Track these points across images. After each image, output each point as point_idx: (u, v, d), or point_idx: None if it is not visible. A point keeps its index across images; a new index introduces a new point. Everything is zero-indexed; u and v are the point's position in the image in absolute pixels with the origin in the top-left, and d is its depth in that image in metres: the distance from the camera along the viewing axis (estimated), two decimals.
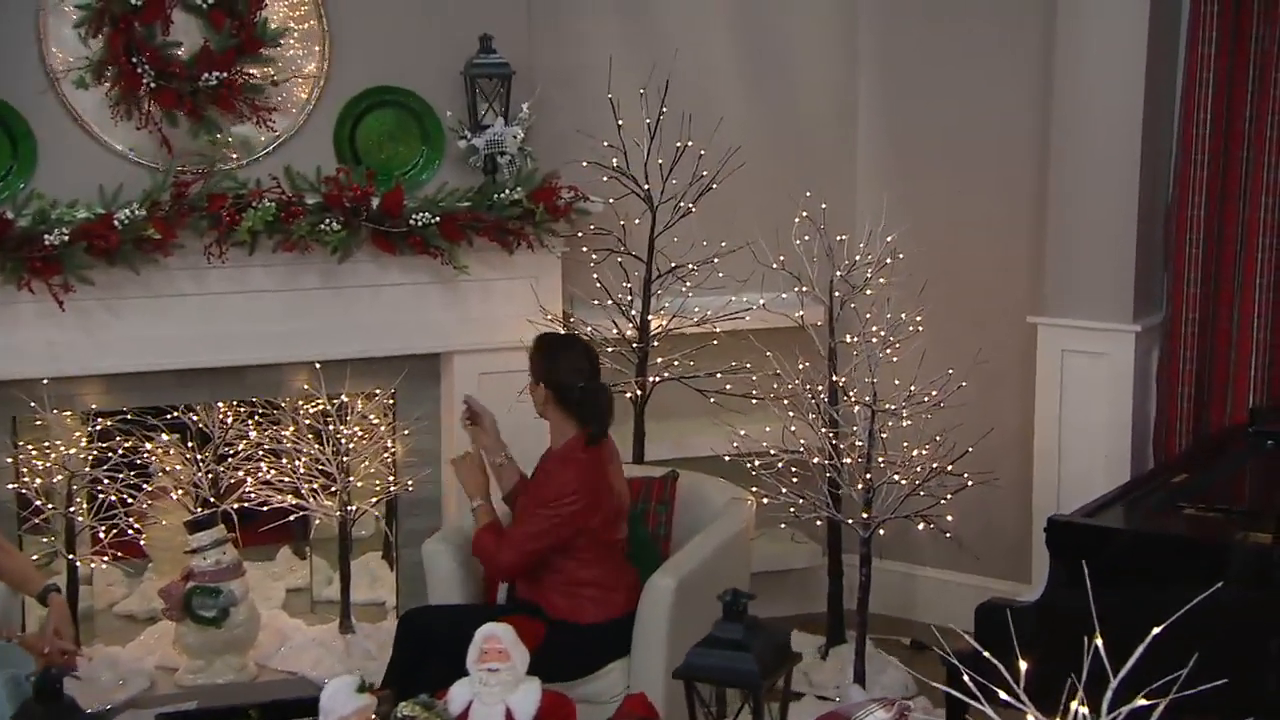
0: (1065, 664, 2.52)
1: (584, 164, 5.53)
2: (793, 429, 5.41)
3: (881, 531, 5.25)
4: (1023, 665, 2.21)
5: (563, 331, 5.14)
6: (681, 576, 4.63)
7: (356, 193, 5.27)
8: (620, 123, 5.48)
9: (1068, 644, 2.59)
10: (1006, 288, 5.98)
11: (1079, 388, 5.66)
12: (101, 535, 5.49)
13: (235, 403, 5.83)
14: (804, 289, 5.50)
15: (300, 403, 5.70)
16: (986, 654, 2.34)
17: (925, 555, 6.19)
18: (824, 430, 5.34)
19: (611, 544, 4.73)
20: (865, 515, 5.18)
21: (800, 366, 5.46)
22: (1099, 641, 2.20)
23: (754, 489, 5.26)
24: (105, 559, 5.54)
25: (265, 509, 5.78)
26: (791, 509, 5.28)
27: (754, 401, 5.65)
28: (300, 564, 6.27)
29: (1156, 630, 2.18)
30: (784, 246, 5.53)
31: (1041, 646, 3.59)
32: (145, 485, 5.69)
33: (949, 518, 5.13)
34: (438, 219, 5.36)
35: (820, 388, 5.44)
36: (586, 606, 4.64)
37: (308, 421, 5.63)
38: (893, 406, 5.22)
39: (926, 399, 5.25)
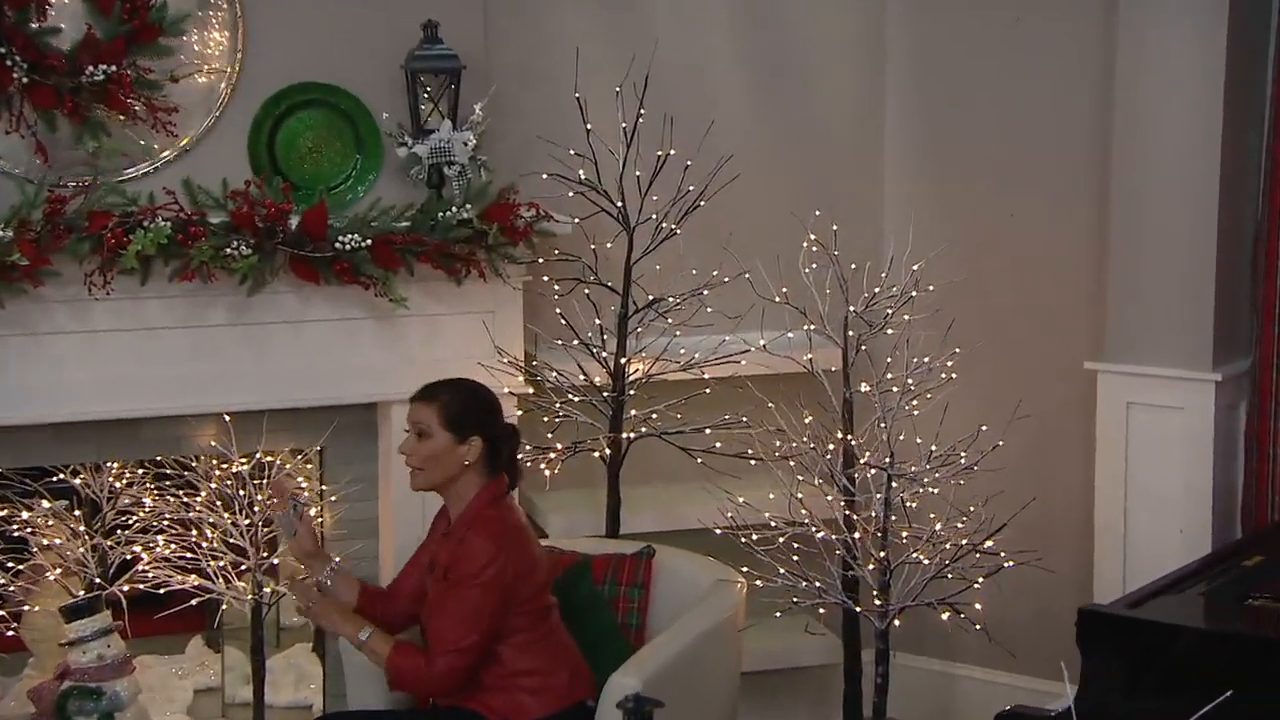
0: None
1: (544, 176, 5.37)
2: (799, 496, 5.22)
3: (897, 622, 5.03)
4: None
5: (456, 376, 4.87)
6: (648, 674, 4.42)
7: (271, 209, 5.09)
8: (589, 127, 5.33)
9: None
10: (1060, 328, 5.84)
11: (1148, 448, 5.51)
12: None
13: (132, 463, 5.64)
14: (812, 327, 5.32)
15: (214, 462, 5.51)
16: None
17: (966, 651, 5.99)
18: (831, 498, 5.14)
19: (545, 612, 4.57)
20: (879, 602, 4.96)
21: (806, 420, 5.27)
22: None
23: (744, 568, 5.06)
24: None
25: (163, 591, 5.55)
26: (791, 594, 5.06)
27: (753, 463, 5.47)
28: (215, 658, 6.07)
29: None
30: (788, 276, 5.36)
31: None
32: (16, 563, 5.49)
33: (977, 606, 4.91)
34: (369, 242, 5.18)
35: (831, 446, 5.24)
36: (525, 701, 4.46)
37: (214, 485, 5.42)
38: (915, 469, 5.01)
39: (959, 460, 5.06)
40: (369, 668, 4.68)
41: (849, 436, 5.23)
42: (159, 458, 5.56)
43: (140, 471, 5.69)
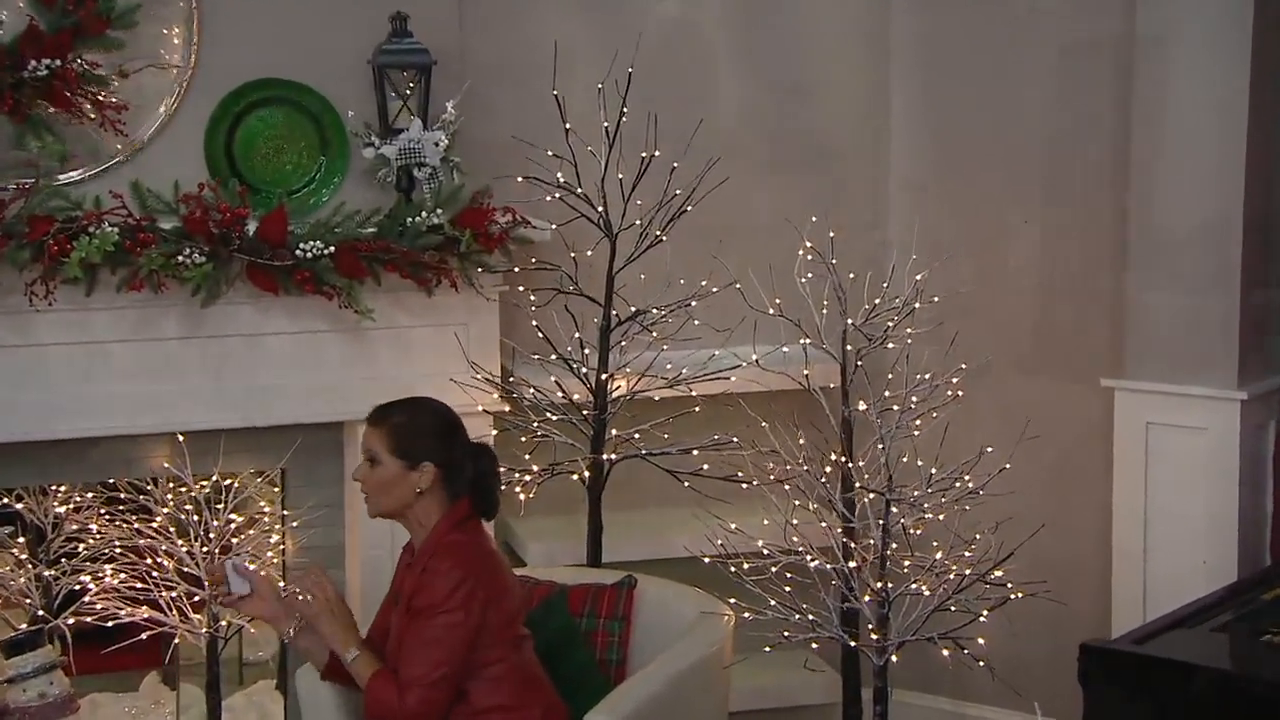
0: None
1: (520, 179, 5.33)
2: (794, 522, 5.15)
3: (895, 658, 4.96)
4: None
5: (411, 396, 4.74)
6: (626, 713, 4.37)
7: (226, 214, 5.04)
8: (568, 126, 5.27)
9: None
10: (1075, 342, 5.79)
11: (1170, 471, 5.46)
12: None
13: (81, 487, 5.59)
14: (808, 341, 5.25)
15: (170, 485, 5.46)
16: None
17: (978, 690, 5.91)
18: (826, 525, 5.07)
19: (516, 644, 4.47)
20: (875, 636, 4.89)
21: (800, 441, 5.21)
22: None
23: (731, 600, 4.99)
24: None
25: (111, 624, 5.49)
26: (783, 627, 4.99)
27: (744, 487, 5.40)
28: (172, 696, 6.00)
29: None
30: (783, 286, 5.28)
31: None
32: None
33: (980, 640, 4.84)
34: (332, 249, 5.14)
35: (828, 468, 5.17)
36: None
37: (166, 510, 5.37)
38: (917, 494, 4.94)
39: (966, 485, 4.99)
40: (331, 706, 4.62)
41: (846, 459, 5.15)
42: (112, 480, 5.51)
43: (90, 495, 5.63)
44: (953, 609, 4.90)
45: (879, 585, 4.92)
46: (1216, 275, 5.33)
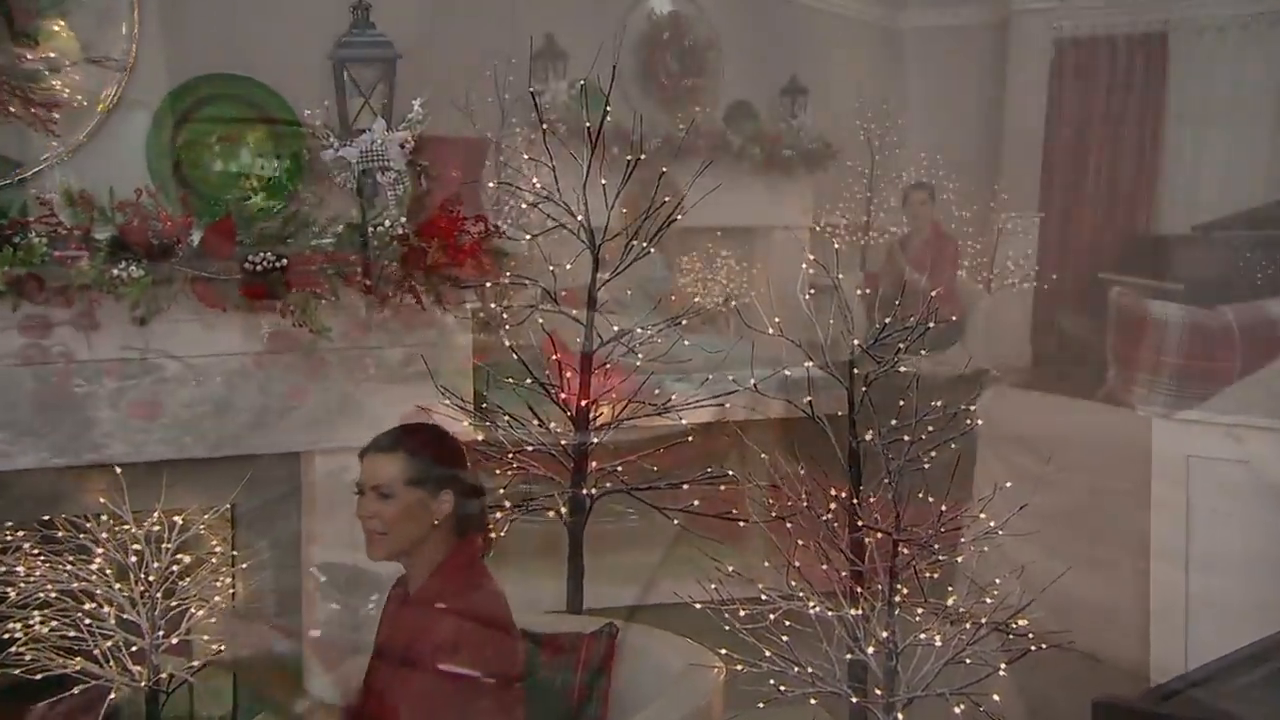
0: None
1: (492, 185, 5.24)
2: (796, 564, 5.02)
3: (901, 715, 4.82)
4: None
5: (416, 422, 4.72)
6: None
7: (167, 224, 4.97)
8: (545, 126, 5.17)
9: None
10: (1107, 364, 5.67)
11: (1214, 507, 5.38)
12: None
13: (10, 526, 5.48)
14: (812, 363, 5.13)
15: (112, 523, 5.34)
16: None
17: None
18: (827, 567, 4.92)
19: (513, 705, 4.32)
20: (879, 691, 4.75)
21: (801, 474, 5.09)
22: None
23: (722, 650, 4.86)
24: None
25: (40, 678, 5.37)
26: (775, 682, 4.86)
27: (742, 524, 5.28)
28: None
29: None
30: (784, 302, 5.17)
31: None
32: None
33: (995, 696, 4.71)
34: (284, 261, 5.06)
35: (832, 505, 5.04)
36: None
37: (102, 550, 5.25)
38: (930, 533, 4.81)
39: (985, 524, 4.86)
40: None
41: (852, 495, 5.01)
42: (48, 517, 5.40)
43: (20, 534, 5.51)
44: (968, 661, 4.77)
45: (885, 635, 4.78)
46: (1259, 299, 5.24)
